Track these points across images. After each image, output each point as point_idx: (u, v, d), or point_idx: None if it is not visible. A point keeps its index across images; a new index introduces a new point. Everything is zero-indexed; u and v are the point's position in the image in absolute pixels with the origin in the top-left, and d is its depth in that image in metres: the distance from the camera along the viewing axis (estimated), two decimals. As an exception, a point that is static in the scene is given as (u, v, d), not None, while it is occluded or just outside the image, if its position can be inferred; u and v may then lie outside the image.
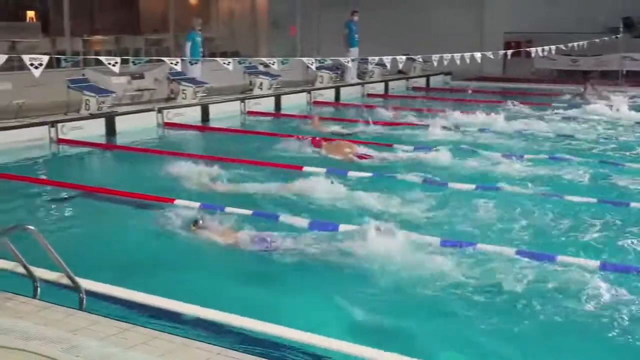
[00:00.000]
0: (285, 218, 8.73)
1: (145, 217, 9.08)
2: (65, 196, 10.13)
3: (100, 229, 8.75)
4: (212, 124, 17.13)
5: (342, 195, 9.74)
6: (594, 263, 7.13)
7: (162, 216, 8.86)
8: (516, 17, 26.87)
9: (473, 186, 10.25)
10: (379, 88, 24.03)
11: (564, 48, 22.08)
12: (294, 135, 13.70)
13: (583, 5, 25.79)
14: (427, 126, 15.40)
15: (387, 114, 17.46)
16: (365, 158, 12.40)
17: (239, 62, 16.94)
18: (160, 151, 13.36)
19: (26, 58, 11.59)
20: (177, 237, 8.28)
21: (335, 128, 15.74)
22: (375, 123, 15.84)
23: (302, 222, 8.54)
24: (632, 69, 25.46)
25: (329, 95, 21.91)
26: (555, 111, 18.03)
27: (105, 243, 8.20)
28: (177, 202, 9.50)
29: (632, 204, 9.34)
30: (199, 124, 17.19)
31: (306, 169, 11.56)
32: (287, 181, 10.34)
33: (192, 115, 17.47)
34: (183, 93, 18.04)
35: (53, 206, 9.72)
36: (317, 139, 13.25)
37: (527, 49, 22.72)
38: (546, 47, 21.15)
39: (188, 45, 19.40)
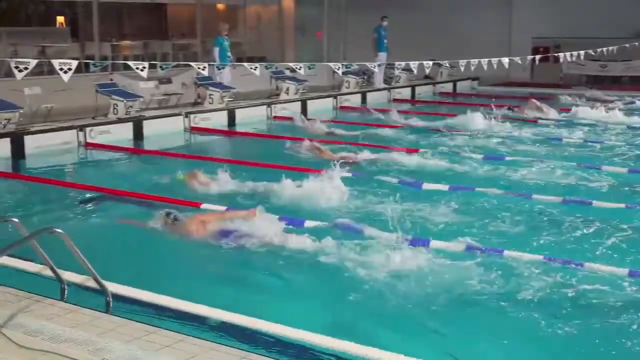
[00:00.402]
0: (309, 223, 8.73)
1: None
2: (93, 199, 10.21)
3: (126, 233, 8.79)
4: (238, 129, 17.19)
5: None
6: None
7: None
8: (544, 22, 26.70)
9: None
10: (406, 93, 23.98)
11: (592, 53, 21.88)
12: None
13: (612, 10, 25.56)
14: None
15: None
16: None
17: (266, 67, 16.99)
18: (186, 155, 13.41)
19: (55, 63, 11.72)
20: (200, 243, 8.36)
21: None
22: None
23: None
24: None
25: (355, 100, 21.89)
26: None
27: (131, 247, 8.24)
28: (204, 205, 9.55)
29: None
30: (226, 128, 17.26)
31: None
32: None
33: (219, 119, 17.55)
34: (210, 98, 18.12)
35: (81, 209, 9.79)
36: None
37: (556, 54, 22.55)
38: (575, 53, 20.98)
39: (216, 50, 19.52)
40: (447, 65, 23.98)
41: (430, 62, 18.35)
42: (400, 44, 23.99)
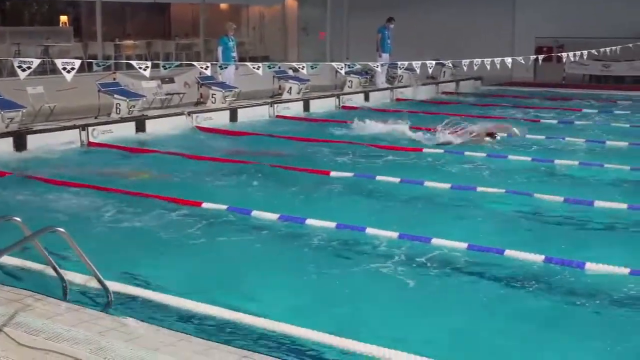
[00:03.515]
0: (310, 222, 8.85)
1: (175, 220, 9.17)
2: (97, 199, 10.23)
3: (131, 232, 8.81)
4: (241, 128, 17.19)
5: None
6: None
7: (190, 219, 9.01)
8: (548, 22, 26.67)
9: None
10: (408, 93, 23.91)
11: (595, 53, 21.85)
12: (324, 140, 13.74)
13: (616, 10, 25.53)
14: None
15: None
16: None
17: (269, 67, 16.98)
18: (190, 155, 13.42)
19: (58, 62, 11.73)
20: (205, 241, 8.39)
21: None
22: None
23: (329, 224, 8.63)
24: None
25: (358, 99, 21.88)
26: None
27: (136, 246, 8.26)
28: (205, 205, 9.58)
29: None
30: (228, 128, 17.27)
31: (333, 174, 11.63)
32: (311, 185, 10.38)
33: (221, 119, 17.56)
34: (212, 97, 18.13)
35: (83, 209, 9.79)
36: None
37: (559, 54, 22.53)
38: (578, 52, 20.94)
39: (219, 49, 19.53)
40: (450, 65, 23.96)
41: (433, 62, 18.34)
42: (403, 44, 24.00)
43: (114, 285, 6.33)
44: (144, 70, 12.77)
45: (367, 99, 22.20)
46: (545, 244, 8.11)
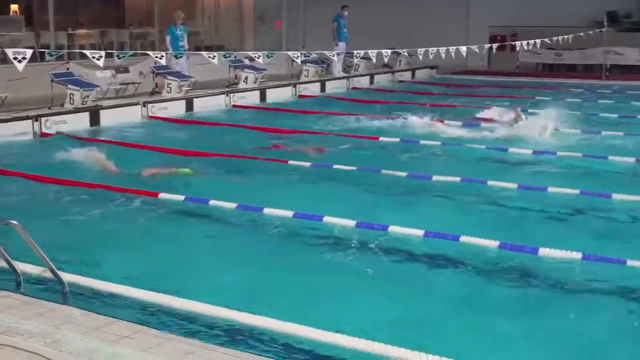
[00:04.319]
0: (268, 211, 8.87)
1: (131, 210, 9.11)
2: (50, 190, 10.10)
3: (86, 223, 8.72)
4: (197, 118, 17.10)
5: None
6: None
7: (146, 209, 8.96)
8: (501, 11, 26.90)
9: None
10: (364, 81, 24.05)
11: (548, 42, 22.14)
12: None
13: (568, -1, 25.89)
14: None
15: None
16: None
17: (224, 56, 16.87)
18: (144, 146, 13.30)
19: (9, 52, 11.50)
20: (159, 229, 8.36)
21: None
22: None
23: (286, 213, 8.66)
24: (615, 63, 25.61)
25: (314, 88, 21.90)
26: None
27: (91, 237, 8.18)
28: (161, 195, 9.53)
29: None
30: (184, 117, 17.15)
31: (291, 162, 11.66)
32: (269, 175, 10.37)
33: (177, 109, 17.43)
34: (168, 87, 17.99)
35: (35, 200, 9.66)
36: None
37: (512, 43, 22.78)
38: (531, 41, 21.20)
39: (167, 39, 19.38)
40: (406, 53, 24.08)
41: (389, 51, 18.42)
42: (359, 33, 24.05)
43: (68, 277, 6.27)
44: (98, 59, 12.57)
45: (323, 88, 22.24)
46: (500, 230, 8.22)
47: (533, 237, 7.85)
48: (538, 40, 21.35)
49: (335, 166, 11.44)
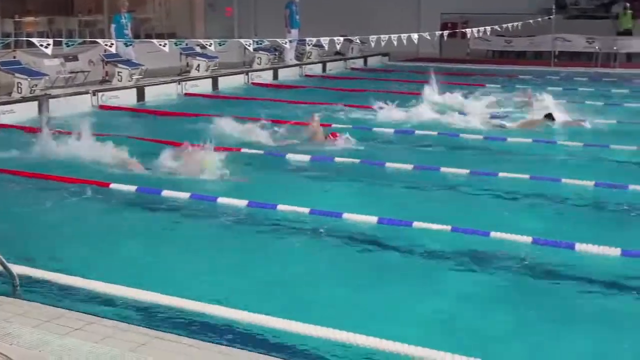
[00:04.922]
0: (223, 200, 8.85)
1: (82, 201, 9.01)
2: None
3: (35, 215, 8.59)
4: (149, 107, 16.92)
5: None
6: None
7: (96, 199, 8.93)
8: (452, -2, 27.11)
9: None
10: (317, 69, 24.06)
11: (498, 29, 22.39)
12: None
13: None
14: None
15: None
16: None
17: (175, 44, 16.71)
18: (95, 134, 13.10)
19: (-47, 40, 11.27)
20: (112, 221, 8.28)
21: None
22: None
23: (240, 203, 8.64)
24: (563, 49, 26.02)
25: (267, 76, 21.84)
26: None
27: (42, 229, 8.07)
28: (113, 185, 9.44)
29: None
30: (135, 106, 16.96)
31: (244, 150, 11.62)
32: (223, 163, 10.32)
33: (128, 97, 17.24)
34: (119, 75, 17.77)
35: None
36: None
37: (463, 30, 22.98)
38: (481, 28, 21.41)
39: (112, 27, 19.12)
40: (358, 41, 24.13)
41: (341, 38, 18.44)
42: (311, 20, 24.02)
43: (19, 269, 6.17)
44: (46, 47, 12.36)
45: (276, 75, 22.20)
46: (453, 214, 8.36)
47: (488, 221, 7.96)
48: (488, 28, 21.59)
49: (288, 156, 11.44)
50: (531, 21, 23.77)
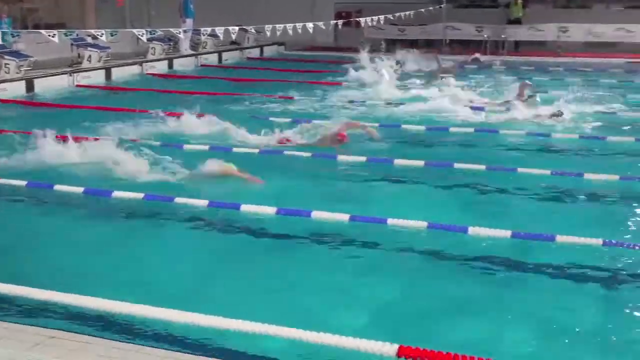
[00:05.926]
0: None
1: None
2: None
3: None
4: (38, 99, 16.42)
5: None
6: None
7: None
8: (346, -13, 27.37)
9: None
10: (213, 59, 23.90)
11: (391, 18, 22.74)
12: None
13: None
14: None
15: None
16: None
17: (65, 34, 16.31)
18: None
19: None
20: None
21: None
22: None
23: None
24: (454, 37, 26.73)
25: (161, 66, 21.55)
26: None
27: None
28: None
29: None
30: (24, 99, 16.43)
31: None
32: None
33: (17, 90, 16.68)
34: (6, 67, 17.18)
35: None
36: None
37: (357, 19, 23.25)
38: (375, 17, 21.72)
39: None
40: (253, 30, 24.07)
41: (237, 28, 18.39)
42: (206, 10, 23.81)
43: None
44: None
45: (171, 65, 21.94)
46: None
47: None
48: (382, 17, 21.92)
49: (185, 147, 11.30)
50: (423, 10, 24.26)
